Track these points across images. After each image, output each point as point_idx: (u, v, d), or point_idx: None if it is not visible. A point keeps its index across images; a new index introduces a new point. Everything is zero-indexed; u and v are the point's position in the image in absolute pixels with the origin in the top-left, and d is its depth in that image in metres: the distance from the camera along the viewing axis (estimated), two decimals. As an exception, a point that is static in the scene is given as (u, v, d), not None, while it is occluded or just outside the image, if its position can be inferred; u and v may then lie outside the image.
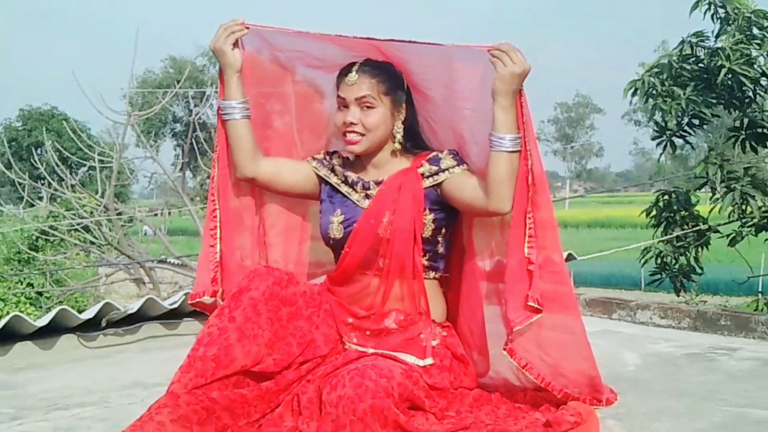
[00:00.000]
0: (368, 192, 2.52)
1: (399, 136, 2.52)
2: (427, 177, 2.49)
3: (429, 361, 2.40)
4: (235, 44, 2.51)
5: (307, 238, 2.76)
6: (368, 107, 2.46)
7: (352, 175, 2.56)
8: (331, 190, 2.59)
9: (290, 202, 2.72)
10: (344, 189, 2.56)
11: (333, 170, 2.60)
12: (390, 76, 2.51)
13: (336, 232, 2.51)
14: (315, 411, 2.19)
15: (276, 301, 2.30)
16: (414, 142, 2.58)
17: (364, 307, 2.48)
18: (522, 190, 2.36)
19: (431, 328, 2.47)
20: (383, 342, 2.43)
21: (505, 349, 2.39)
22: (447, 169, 2.48)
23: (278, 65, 2.67)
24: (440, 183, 2.48)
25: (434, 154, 2.53)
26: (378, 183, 2.51)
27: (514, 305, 2.37)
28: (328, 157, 2.64)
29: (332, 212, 2.54)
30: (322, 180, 2.61)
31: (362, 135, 2.47)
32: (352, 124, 2.46)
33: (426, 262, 2.51)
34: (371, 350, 2.40)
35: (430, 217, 2.48)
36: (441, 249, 2.55)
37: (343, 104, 2.49)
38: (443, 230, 2.53)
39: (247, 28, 2.52)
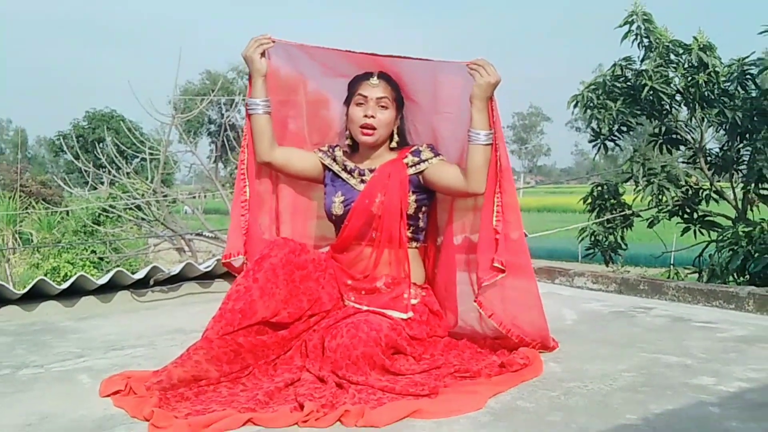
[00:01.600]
0: (363, 178, 2.53)
1: (397, 137, 2.55)
2: (411, 166, 2.51)
3: (410, 314, 2.43)
4: (263, 54, 2.51)
5: (314, 217, 2.75)
6: (383, 107, 2.49)
7: (350, 164, 2.57)
8: (333, 175, 2.59)
9: (300, 187, 2.71)
10: (344, 175, 2.56)
11: (335, 159, 2.60)
12: (397, 88, 2.54)
13: (338, 209, 2.51)
14: (318, 355, 2.22)
15: (291, 266, 2.31)
16: (401, 139, 2.58)
17: (359, 270, 2.50)
18: (492, 176, 2.41)
19: (413, 288, 2.48)
20: (374, 300, 2.45)
21: (475, 302, 2.43)
22: (427, 160, 2.50)
23: (294, 77, 2.66)
24: (422, 171, 2.50)
25: (415, 147, 2.55)
26: (371, 171, 2.53)
27: (484, 266, 2.41)
28: (330, 149, 2.63)
29: (334, 194, 2.54)
30: (325, 167, 2.61)
31: (375, 129, 2.48)
32: (372, 117, 2.47)
33: (409, 234, 2.52)
34: (365, 307, 2.42)
35: (413, 198, 2.49)
36: (421, 224, 2.56)
37: (363, 101, 2.49)
38: (423, 208, 2.55)
39: (273, 41, 2.51)
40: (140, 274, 3.68)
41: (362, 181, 2.52)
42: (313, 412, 1.87)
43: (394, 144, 2.55)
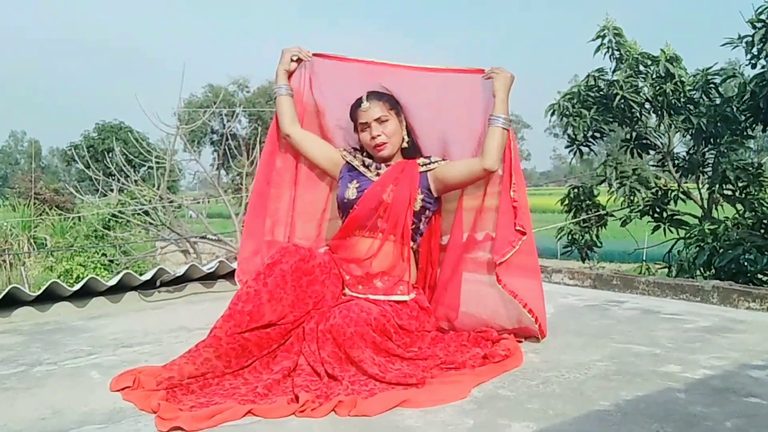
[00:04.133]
0: (379, 171, 2.58)
1: (407, 138, 2.61)
2: (422, 165, 2.57)
3: (413, 294, 2.47)
4: (293, 60, 2.66)
5: (325, 221, 2.78)
6: (383, 121, 2.53)
7: (369, 161, 2.62)
8: (350, 167, 2.63)
9: (309, 190, 2.75)
10: (361, 168, 2.61)
11: (355, 157, 2.65)
12: (389, 97, 2.58)
13: (351, 194, 2.54)
14: (315, 337, 2.21)
15: (299, 273, 2.29)
16: (411, 138, 2.63)
17: (358, 257, 2.49)
18: (506, 174, 2.51)
19: (408, 286, 2.49)
20: (372, 290, 2.44)
21: (499, 282, 2.48)
22: (437, 161, 2.58)
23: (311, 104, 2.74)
24: (432, 170, 2.56)
25: (427, 154, 2.63)
26: (387, 167, 2.59)
27: (502, 235, 2.50)
28: (354, 151, 2.68)
29: (350, 180, 2.58)
30: (346, 163, 2.65)
31: (386, 142, 2.54)
32: (378, 136, 2.53)
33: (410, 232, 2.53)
34: (362, 296, 2.41)
35: (420, 196, 2.54)
36: (422, 226, 2.59)
37: (365, 127, 2.55)
38: (426, 212, 2.58)
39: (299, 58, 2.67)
40: (147, 276, 3.66)
41: (377, 174, 2.58)
42: (308, 402, 1.88)
43: (405, 144, 2.60)
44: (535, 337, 2.53)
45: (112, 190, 12.55)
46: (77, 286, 3.40)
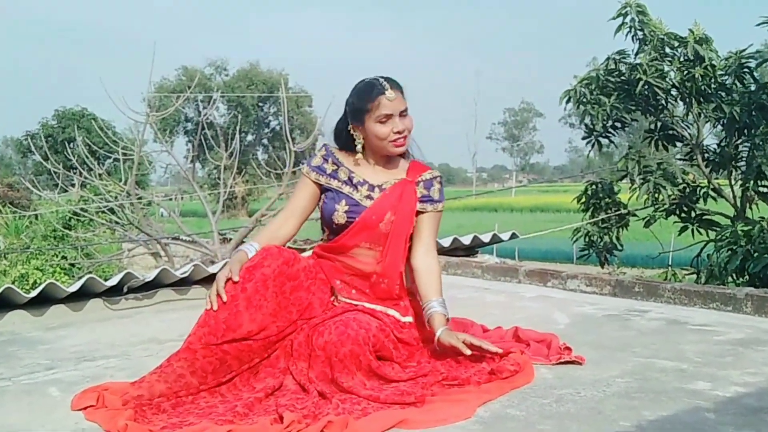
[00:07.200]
0: (371, 194, 2.49)
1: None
2: (420, 199, 2.52)
3: (410, 318, 2.47)
4: None
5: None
6: (405, 116, 2.47)
7: (358, 177, 2.51)
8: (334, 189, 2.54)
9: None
10: (346, 190, 2.50)
11: (334, 176, 2.53)
12: (402, 89, 2.51)
13: (340, 218, 2.46)
14: (304, 353, 2.22)
15: (283, 278, 2.28)
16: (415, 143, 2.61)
17: (353, 266, 2.48)
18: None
19: (407, 304, 2.51)
20: (371, 298, 2.45)
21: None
22: (432, 204, 2.53)
23: None
24: (425, 212, 2.52)
25: (428, 174, 2.55)
26: (380, 187, 2.50)
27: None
28: (330, 161, 2.55)
29: (338, 201, 2.48)
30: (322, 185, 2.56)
31: (405, 137, 2.48)
32: (403, 131, 2.45)
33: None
34: (360, 303, 2.42)
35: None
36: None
37: (387, 118, 2.43)
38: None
39: None
40: (113, 281, 3.66)
41: (369, 197, 2.49)
42: (294, 423, 1.88)
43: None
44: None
45: (73, 185, 12.52)
46: (34, 293, 3.40)
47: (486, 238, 5.44)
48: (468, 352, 2.28)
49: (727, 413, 1.95)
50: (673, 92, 7.04)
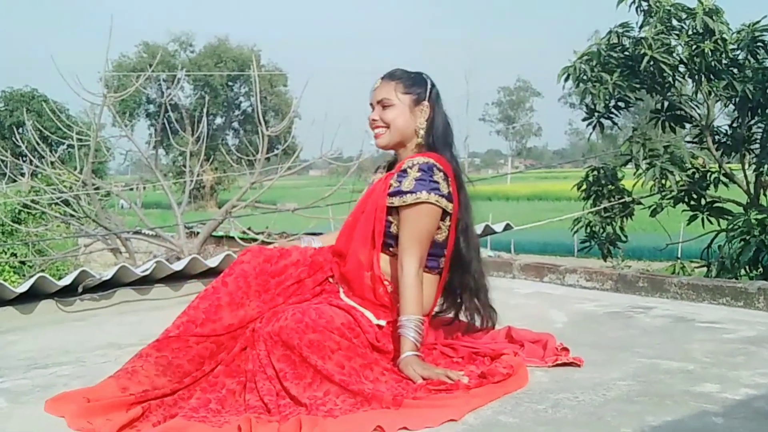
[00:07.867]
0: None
1: (422, 132, 2.60)
2: (390, 192, 2.51)
3: (383, 322, 2.47)
4: None
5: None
6: (386, 106, 2.58)
7: (375, 177, 2.72)
8: None
9: None
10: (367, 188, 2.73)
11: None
12: (410, 79, 2.61)
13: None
14: (260, 338, 2.27)
15: (265, 275, 2.43)
16: (428, 136, 2.61)
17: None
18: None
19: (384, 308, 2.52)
20: (353, 293, 2.53)
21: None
22: (400, 197, 2.48)
23: None
24: (394, 206, 2.49)
25: (409, 163, 2.53)
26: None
27: None
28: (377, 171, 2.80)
29: None
30: None
31: (385, 128, 2.58)
32: (374, 120, 2.59)
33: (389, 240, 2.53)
34: (344, 297, 2.50)
35: (391, 220, 2.51)
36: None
37: (372, 108, 2.63)
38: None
39: None
40: (67, 280, 3.64)
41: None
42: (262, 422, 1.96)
43: (420, 140, 2.60)
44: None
45: (23, 175, 12.43)
46: (-21, 294, 3.37)
47: (478, 229, 5.44)
48: (419, 380, 2.23)
49: (737, 417, 1.97)
50: (681, 69, 7.07)
